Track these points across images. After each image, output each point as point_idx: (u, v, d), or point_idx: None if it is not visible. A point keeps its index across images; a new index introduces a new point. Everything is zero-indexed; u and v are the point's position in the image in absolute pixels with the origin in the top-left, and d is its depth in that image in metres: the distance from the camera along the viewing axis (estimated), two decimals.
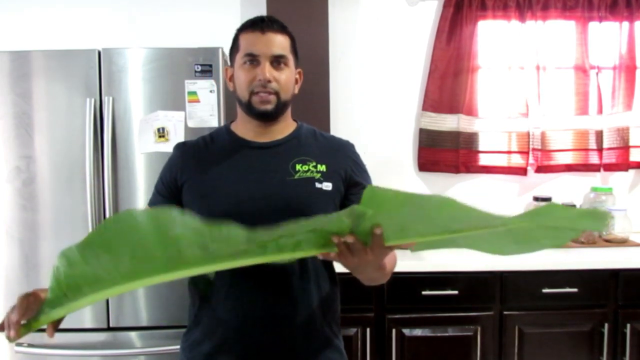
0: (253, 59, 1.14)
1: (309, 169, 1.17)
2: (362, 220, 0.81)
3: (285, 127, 1.23)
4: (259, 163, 1.17)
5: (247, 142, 1.20)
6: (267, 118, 1.17)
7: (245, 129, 1.21)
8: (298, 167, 1.17)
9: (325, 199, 1.16)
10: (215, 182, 1.15)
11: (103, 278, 0.72)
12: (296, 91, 1.23)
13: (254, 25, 1.15)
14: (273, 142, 1.20)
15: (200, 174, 1.17)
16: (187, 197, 1.17)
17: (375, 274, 1.05)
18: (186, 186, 1.17)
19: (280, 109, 1.17)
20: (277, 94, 1.15)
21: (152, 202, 1.23)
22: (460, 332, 2.00)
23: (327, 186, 1.16)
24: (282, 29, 1.17)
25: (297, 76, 1.23)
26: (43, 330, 0.83)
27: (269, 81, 1.13)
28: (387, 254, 0.96)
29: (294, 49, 1.20)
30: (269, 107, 1.15)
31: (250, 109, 1.16)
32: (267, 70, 1.13)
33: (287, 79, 1.16)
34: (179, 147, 1.25)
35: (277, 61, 1.15)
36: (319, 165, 1.18)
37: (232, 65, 1.20)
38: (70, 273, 0.71)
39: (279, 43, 1.15)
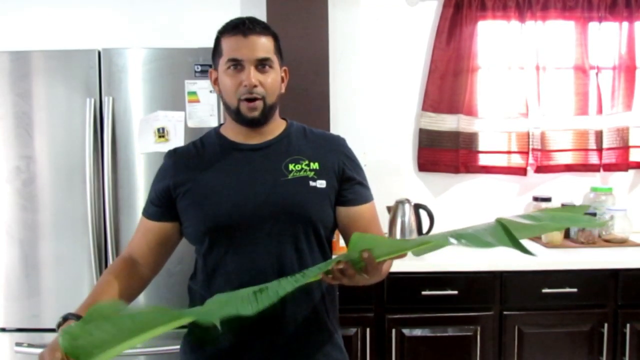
0: (237, 64, 1.12)
1: (302, 168, 1.16)
2: (353, 254, 0.93)
3: (275, 127, 1.22)
4: (251, 165, 1.17)
5: (237, 144, 1.19)
6: (256, 125, 1.17)
7: (235, 132, 1.20)
8: (291, 166, 1.16)
9: (320, 196, 1.16)
10: (210, 188, 1.15)
11: (109, 340, 0.77)
12: (283, 90, 1.22)
13: (235, 28, 1.14)
14: (264, 144, 1.19)
15: (193, 181, 1.16)
16: (182, 205, 1.16)
17: (373, 280, 1.08)
18: (181, 194, 1.16)
19: (267, 113, 1.16)
20: (263, 98, 1.13)
21: (147, 213, 1.21)
22: (460, 332, 2.00)
23: (322, 184, 1.16)
24: (265, 29, 1.16)
25: (283, 74, 1.22)
26: (43, 330, 0.84)
27: (255, 86, 1.12)
28: (382, 268, 1.03)
29: (279, 49, 1.19)
30: (256, 113, 1.14)
31: (238, 116, 1.15)
32: (252, 76, 1.11)
33: (273, 81, 1.15)
34: (171, 155, 1.23)
35: (262, 64, 1.13)
36: (311, 164, 1.17)
37: (215, 68, 1.19)
38: (76, 344, 0.75)
39: (262, 46, 1.13)
